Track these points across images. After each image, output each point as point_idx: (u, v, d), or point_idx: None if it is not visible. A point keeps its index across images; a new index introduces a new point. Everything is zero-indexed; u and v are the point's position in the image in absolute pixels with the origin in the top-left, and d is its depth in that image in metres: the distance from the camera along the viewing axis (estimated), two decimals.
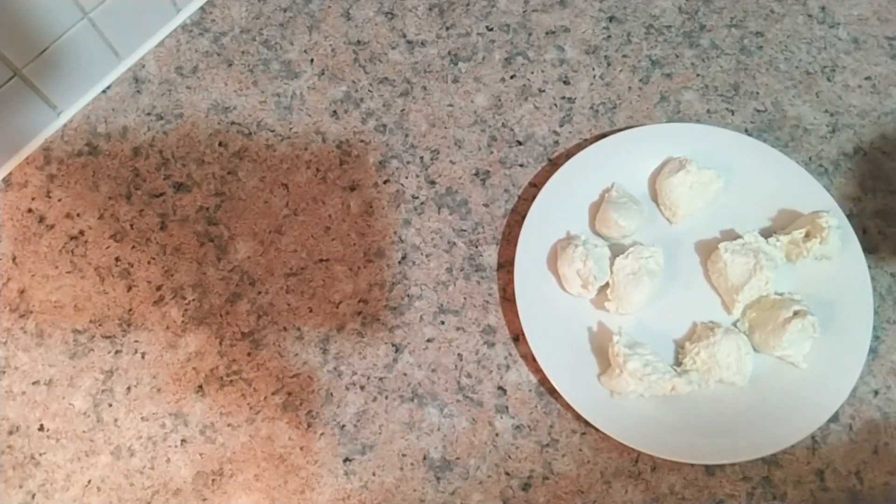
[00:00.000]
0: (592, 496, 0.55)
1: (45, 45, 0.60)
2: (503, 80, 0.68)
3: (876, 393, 0.58)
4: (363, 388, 0.58)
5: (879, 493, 0.55)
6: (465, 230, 0.63)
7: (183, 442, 0.57)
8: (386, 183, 0.65)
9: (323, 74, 0.68)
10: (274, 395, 0.58)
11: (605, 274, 0.58)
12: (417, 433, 0.57)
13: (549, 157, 0.66)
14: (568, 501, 0.55)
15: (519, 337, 0.60)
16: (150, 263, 0.62)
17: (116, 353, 0.59)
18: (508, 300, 0.61)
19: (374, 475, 0.56)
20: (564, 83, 0.68)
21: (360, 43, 0.70)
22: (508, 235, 0.63)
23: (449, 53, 0.69)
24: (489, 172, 0.65)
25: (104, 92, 0.67)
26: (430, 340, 0.60)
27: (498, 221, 0.64)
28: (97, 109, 0.67)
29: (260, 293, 0.61)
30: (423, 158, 0.65)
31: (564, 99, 0.68)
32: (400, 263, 0.62)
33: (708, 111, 0.67)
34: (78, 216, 0.63)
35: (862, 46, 0.69)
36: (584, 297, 0.59)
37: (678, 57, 0.69)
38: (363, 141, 0.66)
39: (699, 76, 0.68)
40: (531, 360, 0.58)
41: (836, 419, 0.57)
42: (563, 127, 0.67)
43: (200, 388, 0.58)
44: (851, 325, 0.57)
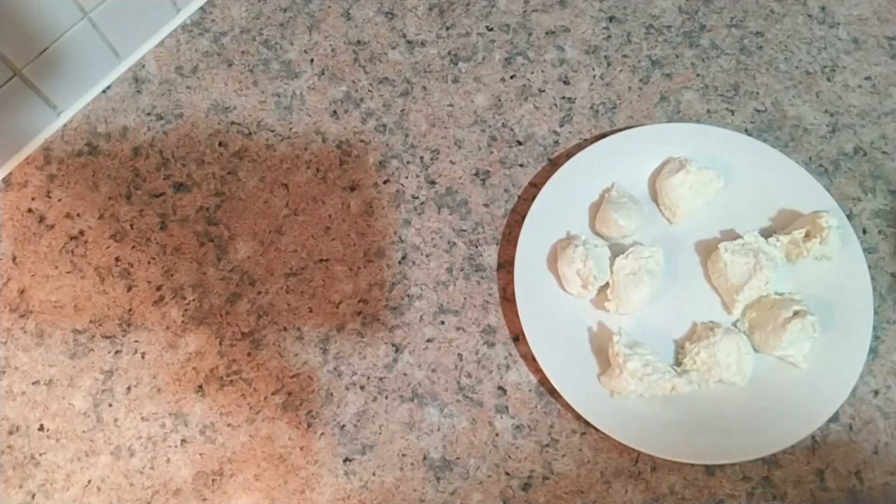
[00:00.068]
0: (592, 496, 0.55)
1: (45, 45, 0.60)
2: (503, 80, 0.68)
3: (876, 393, 0.58)
4: (363, 388, 0.58)
5: (879, 493, 0.55)
6: (465, 230, 0.63)
7: (183, 442, 0.57)
8: (386, 183, 0.65)
9: (323, 74, 0.68)
10: (274, 395, 0.58)
11: (605, 274, 0.58)
12: (417, 433, 0.57)
13: (549, 157, 0.66)
14: (568, 501, 0.55)
15: (519, 337, 0.60)
16: (150, 263, 0.62)
17: (116, 353, 0.59)
18: (508, 300, 0.61)
19: (374, 475, 0.56)
20: (564, 83, 0.68)
21: (360, 43, 0.70)
22: (508, 235, 0.63)
23: (449, 53, 0.69)
24: (489, 172, 0.65)
25: (104, 92, 0.67)
26: (430, 340, 0.60)
27: (498, 221, 0.64)
28: (97, 109, 0.67)
29: (260, 293, 0.61)
30: (423, 158, 0.65)
31: (564, 99, 0.68)
32: (400, 263, 0.62)
33: (708, 111, 0.67)
34: (78, 216, 0.63)
35: (862, 46, 0.69)
36: (584, 297, 0.59)
37: (678, 57, 0.69)
38: (363, 141, 0.66)
39: (699, 76, 0.68)
40: (531, 360, 0.58)
41: (836, 419, 0.57)
42: (563, 127, 0.67)
43: (200, 388, 0.58)
44: (851, 325, 0.57)
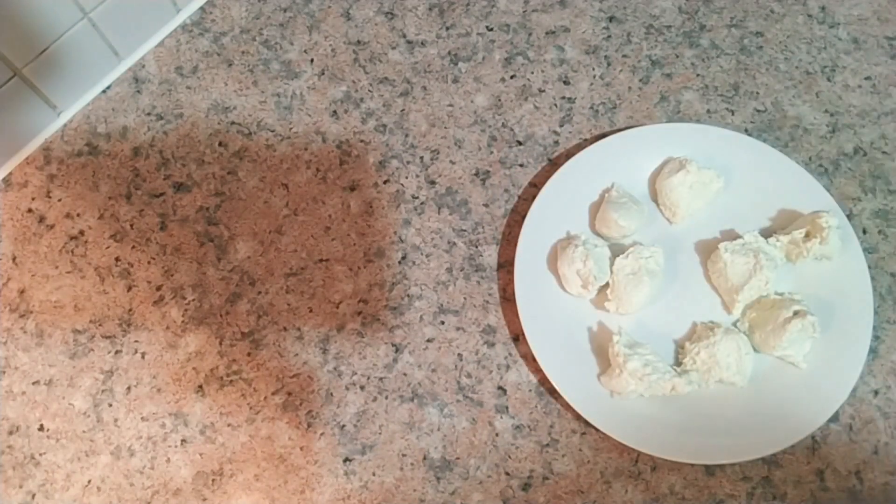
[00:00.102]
0: (592, 496, 0.55)
1: (45, 45, 0.60)
2: (503, 80, 0.68)
3: (876, 393, 0.58)
4: (363, 388, 0.58)
5: (879, 493, 0.55)
6: (465, 230, 0.63)
7: (183, 442, 0.57)
8: (386, 183, 0.65)
9: (323, 74, 0.68)
10: (274, 395, 0.58)
11: (605, 274, 0.58)
12: (417, 433, 0.57)
13: (549, 157, 0.66)
14: (568, 501, 0.55)
15: (519, 337, 0.60)
16: (150, 263, 0.62)
17: (116, 353, 0.59)
18: (508, 300, 0.61)
19: (374, 475, 0.56)
20: (564, 83, 0.68)
21: (360, 43, 0.70)
22: (508, 235, 0.63)
23: (449, 53, 0.69)
24: (489, 172, 0.65)
25: (104, 92, 0.67)
26: (430, 340, 0.60)
27: (498, 221, 0.64)
28: (97, 109, 0.67)
29: (260, 293, 0.61)
30: (423, 158, 0.65)
31: (564, 99, 0.68)
32: (400, 263, 0.62)
33: (708, 111, 0.67)
34: (78, 216, 0.63)
35: (862, 46, 0.69)
36: (584, 297, 0.59)
37: (678, 57, 0.69)
38: (363, 141, 0.66)
39: (699, 76, 0.68)
40: (531, 360, 0.58)
41: (836, 419, 0.57)
42: (563, 127, 0.67)
43: (200, 388, 0.58)
44: (851, 325, 0.57)
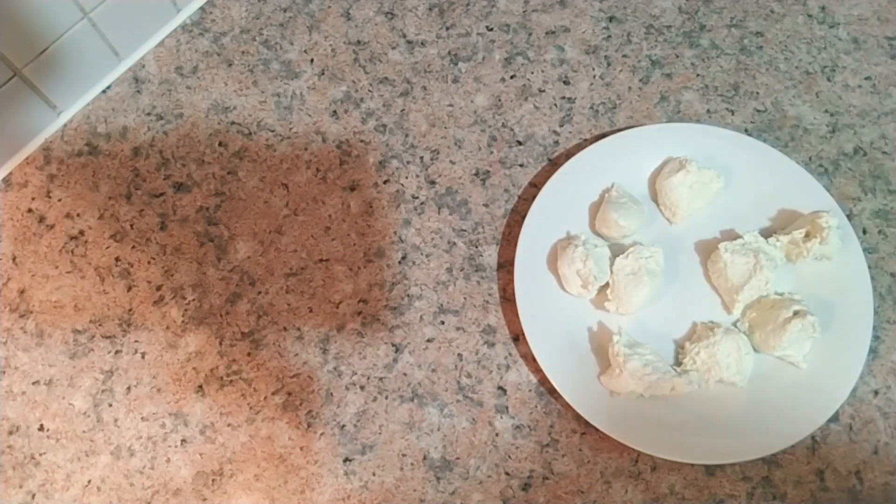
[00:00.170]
0: (592, 496, 0.55)
1: (45, 45, 0.60)
2: (503, 80, 0.68)
3: (876, 393, 0.58)
4: (363, 388, 0.58)
5: (879, 493, 0.55)
6: (465, 230, 0.63)
7: (183, 442, 0.57)
8: (386, 183, 0.65)
9: (323, 74, 0.68)
10: (274, 395, 0.58)
11: (605, 274, 0.58)
12: (417, 433, 0.57)
13: (549, 157, 0.66)
14: (568, 501, 0.55)
15: (519, 337, 0.60)
16: (150, 263, 0.62)
17: (116, 353, 0.59)
18: (508, 300, 0.61)
19: (374, 475, 0.56)
20: (564, 83, 0.68)
21: (360, 43, 0.70)
22: (508, 235, 0.63)
23: (449, 53, 0.69)
24: (489, 172, 0.65)
25: (104, 92, 0.67)
26: (430, 340, 0.60)
27: (498, 221, 0.64)
28: (97, 109, 0.67)
29: (260, 293, 0.61)
30: (423, 158, 0.65)
31: (564, 99, 0.68)
32: (400, 263, 0.62)
33: (708, 111, 0.67)
34: (78, 216, 0.63)
35: (862, 46, 0.69)
36: (584, 297, 0.59)
37: (678, 57, 0.69)
38: (363, 141, 0.66)
39: (699, 76, 0.68)
40: (531, 360, 0.58)
41: (836, 419, 0.57)
42: (563, 127, 0.67)
43: (200, 388, 0.58)
44: (851, 325, 0.57)
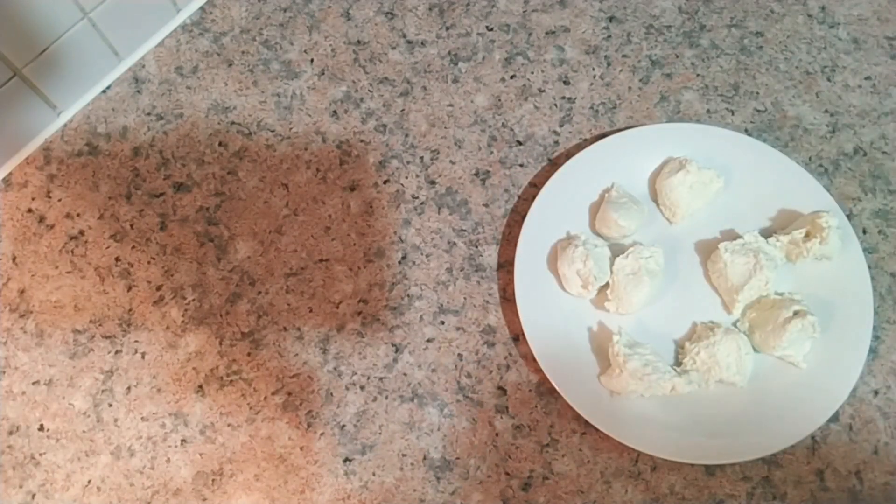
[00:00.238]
0: (592, 496, 0.55)
1: (45, 45, 0.60)
2: (503, 80, 0.68)
3: (876, 393, 0.58)
4: (363, 388, 0.58)
5: (879, 493, 0.55)
6: (465, 230, 0.63)
7: (183, 442, 0.57)
8: (386, 183, 0.65)
9: (323, 74, 0.68)
10: (274, 395, 0.58)
11: (605, 274, 0.58)
12: (417, 433, 0.57)
13: (549, 157, 0.66)
14: (568, 501, 0.55)
15: (519, 337, 0.60)
16: (150, 263, 0.62)
17: (116, 353, 0.59)
18: (508, 300, 0.61)
19: (374, 475, 0.56)
20: (564, 83, 0.68)
21: (360, 43, 0.70)
22: (508, 235, 0.63)
23: (449, 53, 0.69)
24: (489, 172, 0.65)
25: (104, 92, 0.67)
26: (430, 340, 0.60)
27: (498, 221, 0.64)
28: (97, 109, 0.67)
29: (260, 293, 0.61)
30: (423, 158, 0.65)
31: (564, 99, 0.68)
32: (400, 263, 0.62)
33: (708, 111, 0.67)
34: (78, 216, 0.63)
35: (862, 46, 0.69)
36: (584, 297, 0.59)
37: (678, 57, 0.69)
38: (363, 141, 0.66)
39: (699, 76, 0.68)
40: (531, 360, 0.58)
41: (836, 419, 0.57)
42: (563, 127, 0.67)
43: (200, 388, 0.58)
44: (851, 325, 0.57)
